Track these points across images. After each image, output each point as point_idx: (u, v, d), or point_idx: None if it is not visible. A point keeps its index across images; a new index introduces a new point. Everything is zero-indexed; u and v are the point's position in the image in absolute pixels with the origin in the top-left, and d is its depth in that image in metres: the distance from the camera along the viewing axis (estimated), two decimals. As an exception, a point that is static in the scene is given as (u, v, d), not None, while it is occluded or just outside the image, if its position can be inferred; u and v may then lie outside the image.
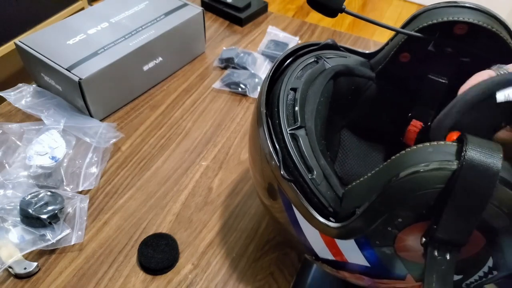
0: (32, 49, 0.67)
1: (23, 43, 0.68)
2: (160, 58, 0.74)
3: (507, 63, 0.37)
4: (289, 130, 0.39)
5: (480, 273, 0.36)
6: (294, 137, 0.39)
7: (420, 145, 0.32)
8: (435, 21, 0.41)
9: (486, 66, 0.37)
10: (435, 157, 0.31)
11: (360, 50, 0.50)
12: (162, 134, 0.69)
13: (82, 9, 1.52)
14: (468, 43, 0.42)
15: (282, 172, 0.38)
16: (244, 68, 0.79)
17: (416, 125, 0.47)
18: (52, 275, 0.51)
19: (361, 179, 0.36)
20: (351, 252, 0.37)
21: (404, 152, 0.33)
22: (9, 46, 1.31)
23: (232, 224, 0.58)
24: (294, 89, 0.42)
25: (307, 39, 0.89)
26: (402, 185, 0.31)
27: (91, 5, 1.29)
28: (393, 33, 0.46)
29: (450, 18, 0.40)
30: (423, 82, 0.46)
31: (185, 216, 0.58)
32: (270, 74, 0.43)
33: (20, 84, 0.70)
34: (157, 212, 0.58)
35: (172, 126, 0.70)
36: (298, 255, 0.55)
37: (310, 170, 0.38)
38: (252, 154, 0.46)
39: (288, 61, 0.46)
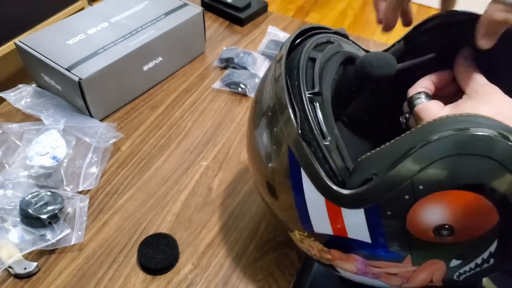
0: (32, 49, 0.67)
1: (23, 43, 0.68)
2: (160, 58, 0.74)
3: None
4: (308, 94, 0.38)
5: (479, 260, 0.35)
6: (311, 101, 0.38)
7: (450, 115, 0.33)
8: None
9: None
10: (471, 124, 0.31)
11: (366, 49, 0.50)
12: (162, 134, 0.69)
13: (82, 9, 1.52)
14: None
15: (299, 131, 0.37)
16: (244, 68, 0.79)
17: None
18: (52, 275, 0.51)
19: (378, 149, 0.35)
20: (356, 226, 0.36)
21: (431, 121, 0.33)
22: (9, 46, 1.31)
23: (232, 224, 0.58)
24: (313, 59, 0.41)
25: (307, 39, 0.88)
26: (425, 152, 0.32)
27: (91, 5, 1.29)
28: (397, 34, 0.47)
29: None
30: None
31: (185, 216, 0.58)
32: (288, 45, 0.42)
33: (20, 85, 0.70)
34: (157, 212, 0.58)
35: (172, 126, 0.70)
36: (284, 232, 0.53)
37: (324, 136, 0.37)
38: (256, 115, 0.44)
39: (303, 36, 0.45)
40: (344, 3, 2.21)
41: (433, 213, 0.33)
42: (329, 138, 0.37)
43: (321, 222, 0.38)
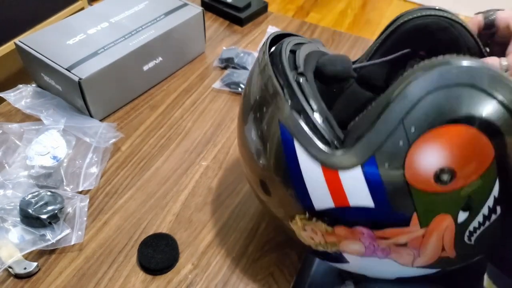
0: (32, 49, 0.67)
1: (23, 43, 0.68)
2: (160, 58, 0.74)
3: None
4: (292, 74, 0.40)
5: (485, 210, 0.35)
6: (297, 80, 0.39)
7: (427, 60, 0.34)
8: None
9: None
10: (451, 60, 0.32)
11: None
12: (162, 134, 0.69)
13: (82, 9, 1.52)
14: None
15: (289, 104, 0.38)
16: (244, 68, 0.79)
17: None
18: (52, 275, 0.51)
19: (363, 112, 0.36)
20: (356, 189, 0.36)
21: (412, 68, 0.34)
22: (9, 46, 1.31)
23: (232, 224, 0.58)
24: (293, 51, 0.43)
25: (307, 39, 0.89)
26: (410, 89, 0.32)
27: (91, 5, 1.29)
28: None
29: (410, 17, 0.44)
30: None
31: (185, 216, 0.58)
32: (269, 42, 0.44)
33: (20, 85, 0.70)
34: (157, 212, 0.58)
35: (172, 126, 0.70)
36: (285, 230, 0.54)
37: (313, 109, 0.38)
38: (242, 139, 0.45)
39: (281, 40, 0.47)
40: (344, 3, 2.20)
41: (430, 156, 0.33)
42: (318, 110, 0.38)
43: (320, 195, 0.38)
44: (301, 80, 0.39)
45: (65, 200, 0.55)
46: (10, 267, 0.50)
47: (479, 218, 0.36)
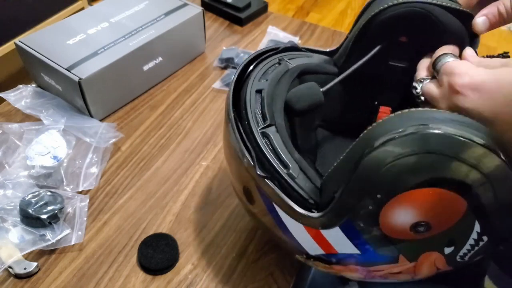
0: (32, 49, 0.67)
1: (23, 43, 0.68)
2: (160, 58, 0.74)
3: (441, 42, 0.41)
4: (260, 129, 0.40)
5: (471, 241, 0.35)
6: (265, 135, 0.39)
7: (385, 118, 0.32)
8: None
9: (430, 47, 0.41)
10: (407, 123, 0.31)
11: (321, 49, 0.51)
12: (162, 134, 0.69)
13: (82, 9, 1.52)
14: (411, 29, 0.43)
15: (257, 171, 0.38)
16: (244, 68, 0.79)
17: (385, 110, 0.49)
18: (52, 275, 0.51)
19: (335, 164, 0.36)
20: (339, 241, 0.37)
21: (370, 127, 0.33)
22: (9, 46, 1.31)
23: (232, 224, 0.58)
24: (260, 91, 0.43)
25: (307, 39, 0.89)
26: (377, 155, 0.31)
27: (91, 5, 1.29)
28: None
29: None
30: (385, 69, 0.48)
31: (185, 216, 0.58)
32: (235, 80, 0.44)
33: (20, 85, 0.70)
34: (157, 212, 0.58)
35: (172, 126, 0.70)
36: (291, 257, 0.54)
37: (285, 165, 0.38)
38: (228, 159, 0.46)
39: (251, 67, 0.46)
40: (344, 3, 2.20)
41: (402, 214, 0.33)
42: (290, 165, 0.38)
43: (310, 246, 0.40)
44: (269, 134, 0.39)
45: (65, 200, 0.55)
46: (10, 267, 0.50)
47: (467, 247, 0.36)
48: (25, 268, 0.51)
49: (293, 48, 0.50)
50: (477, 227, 0.34)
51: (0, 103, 0.70)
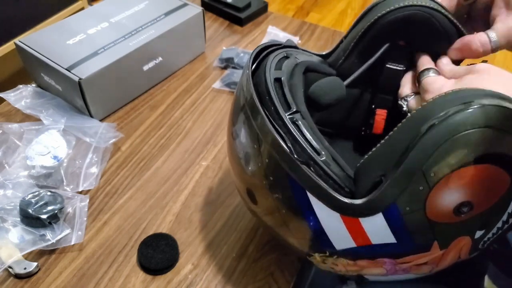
0: (32, 49, 0.67)
1: (23, 43, 0.68)
2: (160, 58, 0.74)
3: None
4: (288, 115, 0.38)
5: (499, 224, 0.36)
6: (294, 122, 0.38)
7: (435, 96, 0.33)
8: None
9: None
10: (462, 100, 0.31)
11: (315, 52, 0.51)
12: (162, 134, 0.69)
13: (82, 9, 1.52)
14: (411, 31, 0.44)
15: (295, 156, 0.36)
16: (244, 68, 0.79)
17: (381, 113, 0.49)
18: (52, 275, 0.51)
19: (374, 149, 0.35)
20: (378, 230, 0.36)
21: (421, 107, 0.33)
22: (9, 46, 1.31)
23: (232, 224, 0.58)
24: (278, 79, 0.41)
25: (307, 39, 0.89)
26: (439, 131, 0.31)
27: (91, 5, 1.29)
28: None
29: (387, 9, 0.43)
30: (382, 72, 0.48)
31: (185, 216, 0.58)
32: (250, 67, 0.43)
33: (20, 85, 0.70)
34: (157, 212, 0.58)
35: (172, 126, 0.70)
36: (299, 257, 0.54)
37: (318, 152, 0.37)
38: (235, 158, 0.44)
39: (259, 58, 0.45)
40: (344, 3, 2.20)
41: (450, 195, 0.33)
42: (323, 152, 0.37)
43: (341, 239, 0.38)
44: (297, 121, 0.38)
45: (65, 200, 0.55)
46: (10, 267, 0.50)
47: (494, 230, 0.37)
48: (25, 268, 0.51)
49: (292, 46, 0.50)
50: (510, 208, 0.35)
51: (0, 103, 0.70)
